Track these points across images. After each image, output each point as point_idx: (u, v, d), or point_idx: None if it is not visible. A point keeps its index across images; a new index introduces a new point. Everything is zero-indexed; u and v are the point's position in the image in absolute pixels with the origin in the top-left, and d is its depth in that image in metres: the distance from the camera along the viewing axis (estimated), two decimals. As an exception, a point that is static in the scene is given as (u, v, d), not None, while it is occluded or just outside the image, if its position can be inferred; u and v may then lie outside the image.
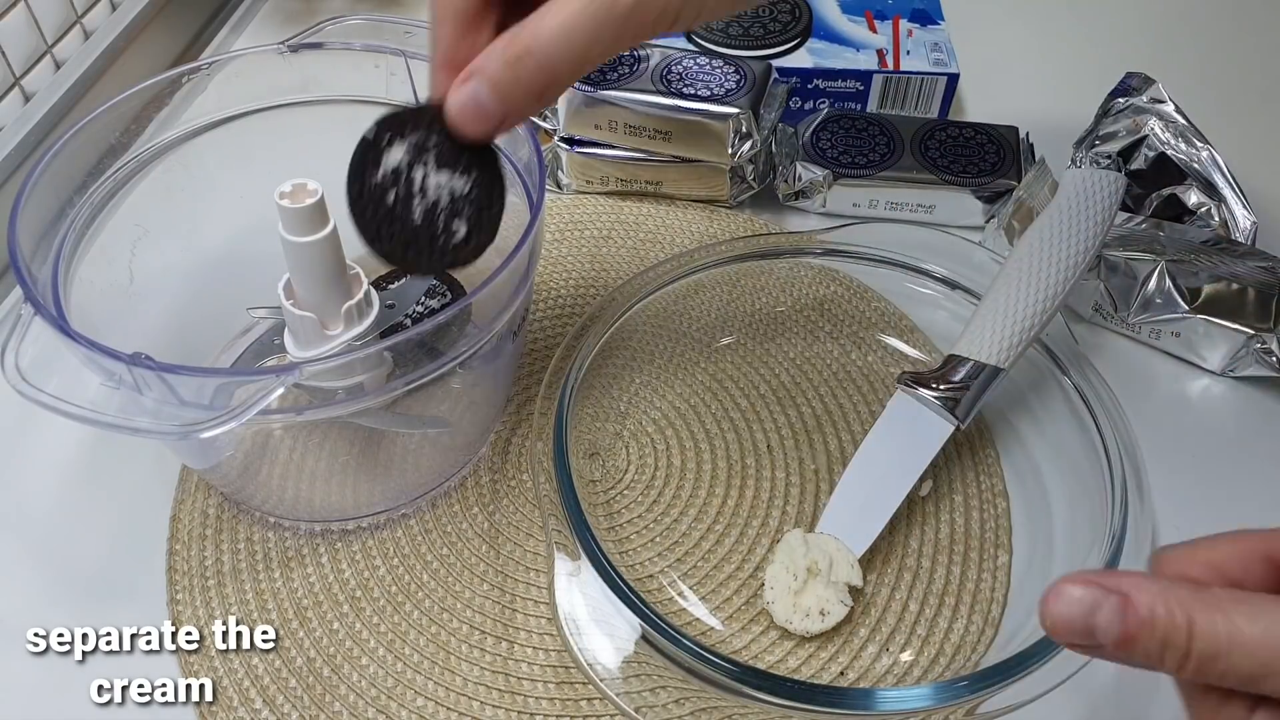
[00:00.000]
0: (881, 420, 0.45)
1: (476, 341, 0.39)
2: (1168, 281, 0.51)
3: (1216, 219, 0.55)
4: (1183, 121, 0.56)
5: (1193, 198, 0.55)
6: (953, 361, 0.45)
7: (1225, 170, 0.55)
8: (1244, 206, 0.55)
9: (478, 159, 0.33)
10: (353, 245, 0.42)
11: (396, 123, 0.33)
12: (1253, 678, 0.23)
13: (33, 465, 0.47)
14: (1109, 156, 0.57)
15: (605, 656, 0.37)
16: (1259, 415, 0.50)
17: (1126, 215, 0.56)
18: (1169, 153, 0.56)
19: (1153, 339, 0.52)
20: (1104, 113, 0.58)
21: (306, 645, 0.41)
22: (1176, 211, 0.56)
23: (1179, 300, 0.50)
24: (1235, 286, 0.50)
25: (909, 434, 0.44)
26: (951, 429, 0.44)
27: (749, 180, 0.59)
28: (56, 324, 0.34)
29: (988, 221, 0.57)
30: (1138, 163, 0.57)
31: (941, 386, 0.44)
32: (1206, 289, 0.50)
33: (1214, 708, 0.25)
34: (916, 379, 0.45)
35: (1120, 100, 0.58)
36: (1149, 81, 0.58)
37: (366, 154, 0.33)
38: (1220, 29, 0.76)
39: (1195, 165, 0.55)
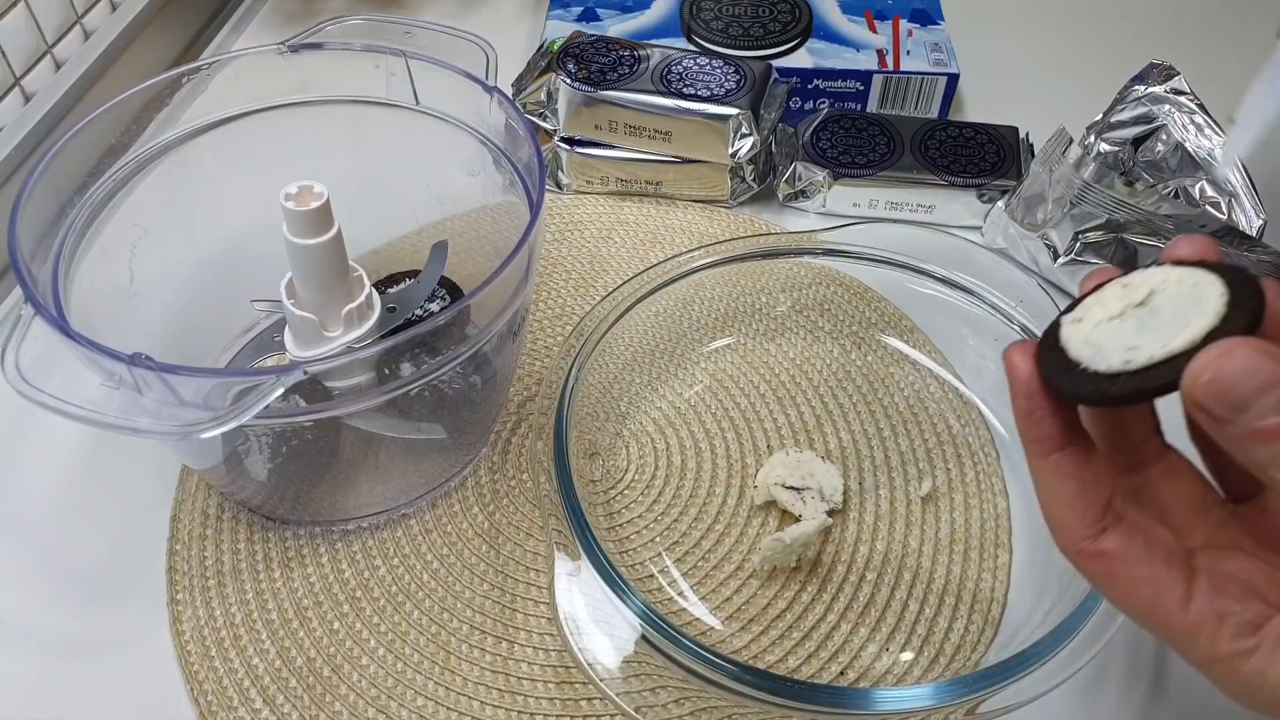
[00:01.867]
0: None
1: (476, 342, 0.39)
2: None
3: (1226, 215, 0.55)
4: (1199, 114, 0.56)
5: (1204, 191, 0.55)
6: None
7: (1239, 165, 0.55)
8: (1255, 202, 0.54)
9: None
10: (356, 247, 0.42)
11: None
12: None
13: (33, 465, 0.47)
14: (1120, 144, 0.56)
15: (605, 656, 0.37)
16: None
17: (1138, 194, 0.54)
18: (1185, 144, 0.55)
19: None
20: (1120, 99, 0.58)
21: (306, 645, 0.41)
22: (1186, 203, 0.55)
23: None
24: None
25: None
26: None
27: (749, 180, 0.59)
28: (56, 324, 0.34)
29: (992, 209, 0.57)
30: (1150, 152, 0.56)
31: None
32: None
33: None
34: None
35: (1139, 87, 0.57)
36: (1172, 73, 0.57)
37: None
38: (1222, 29, 0.76)
39: (1209, 159, 0.55)
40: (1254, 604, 0.26)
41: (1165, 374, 0.24)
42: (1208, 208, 0.55)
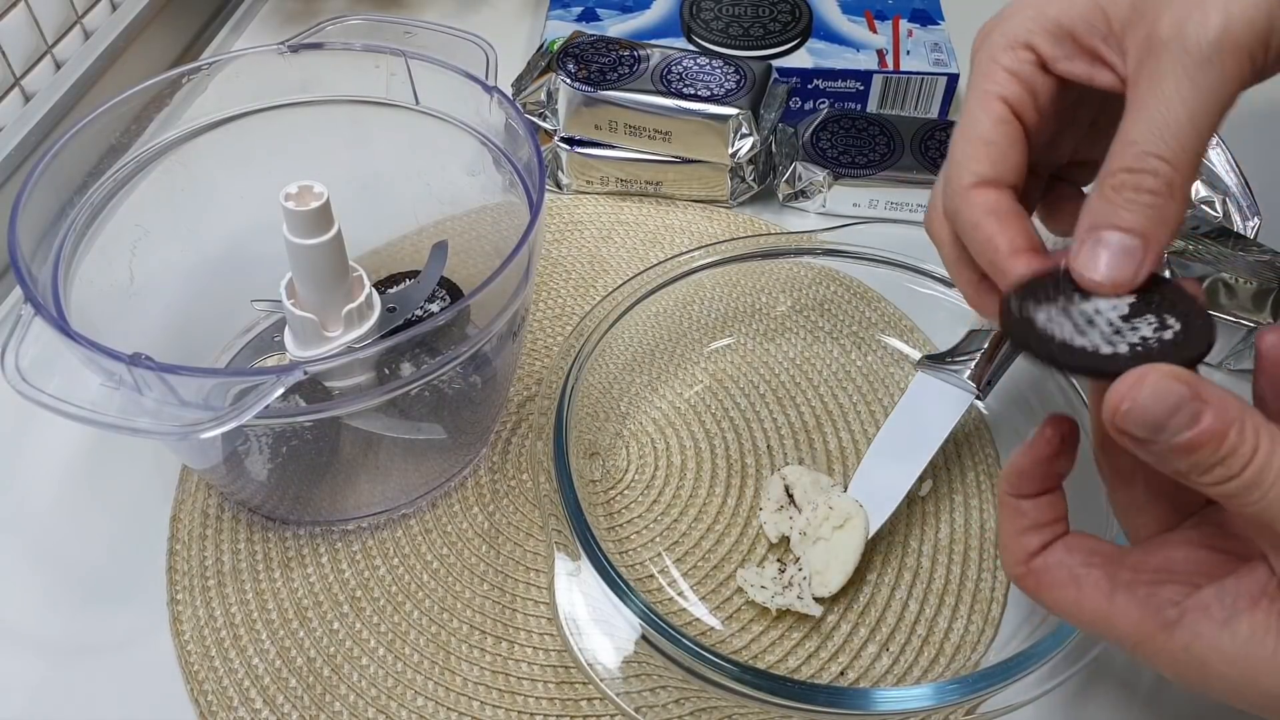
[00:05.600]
0: (902, 400, 0.45)
1: (476, 342, 0.39)
2: (1169, 271, 0.50)
3: (1220, 214, 0.55)
4: None
5: (1198, 191, 0.55)
6: (971, 335, 0.45)
7: (1234, 166, 0.55)
8: (1250, 202, 0.54)
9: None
10: (356, 247, 0.42)
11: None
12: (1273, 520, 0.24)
13: (33, 465, 0.47)
14: None
15: (605, 656, 0.37)
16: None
17: None
18: None
19: None
20: None
21: (306, 645, 0.41)
22: None
23: None
24: (1236, 279, 0.50)
25: (930, 409, 0.45)
26: (970, 398, 0.44)
27: (749, 180, 0.59)
28: (56, 324, 0.34)
29: None
30: None
31: (959, 358, 0.44)
32: (1207, 280, 0.50)
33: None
34: (935, 358, 0.45)
35: None
36: None
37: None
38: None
39: (1205, 161, 0.55)
40: (1176, 586, 0.27)
41: (1107, 364, 0.26)
42: (1202, 207, 0.55)
